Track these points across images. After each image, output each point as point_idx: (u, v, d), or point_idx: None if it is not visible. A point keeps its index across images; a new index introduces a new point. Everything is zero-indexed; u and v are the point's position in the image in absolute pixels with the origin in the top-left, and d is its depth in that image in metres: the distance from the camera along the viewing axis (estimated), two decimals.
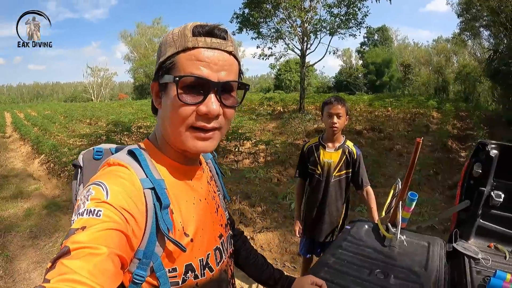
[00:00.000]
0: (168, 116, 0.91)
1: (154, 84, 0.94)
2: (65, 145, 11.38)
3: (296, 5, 18.02)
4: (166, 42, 0.91)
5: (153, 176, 0.89)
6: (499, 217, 2.47)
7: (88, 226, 0.72)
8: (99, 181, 0.82)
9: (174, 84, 0.86)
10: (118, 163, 0.90)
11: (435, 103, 18.23)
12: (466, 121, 14.62)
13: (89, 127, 18.28)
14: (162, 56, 0.91)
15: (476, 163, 2.47)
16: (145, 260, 0.85)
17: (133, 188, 0.84)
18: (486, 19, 22.50)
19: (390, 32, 51.77)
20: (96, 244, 0.69)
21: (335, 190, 3.04)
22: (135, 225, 0.81)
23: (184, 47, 0.87)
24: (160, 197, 0.86)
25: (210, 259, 1.02)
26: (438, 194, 6.94)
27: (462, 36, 27.96)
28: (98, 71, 64.00)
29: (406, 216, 2.17)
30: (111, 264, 0.70)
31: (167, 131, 0.95)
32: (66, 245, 0.68)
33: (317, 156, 3.03)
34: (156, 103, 0.96)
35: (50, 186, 8.14)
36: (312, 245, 3.24)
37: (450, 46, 37.83)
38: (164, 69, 0.89)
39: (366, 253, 1.92)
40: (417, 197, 2.08)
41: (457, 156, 9.44)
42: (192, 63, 0.86)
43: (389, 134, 12.04)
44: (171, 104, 0.89)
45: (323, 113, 3.00)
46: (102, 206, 0.76)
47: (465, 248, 2.29)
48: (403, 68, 40.06)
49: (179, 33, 0.89)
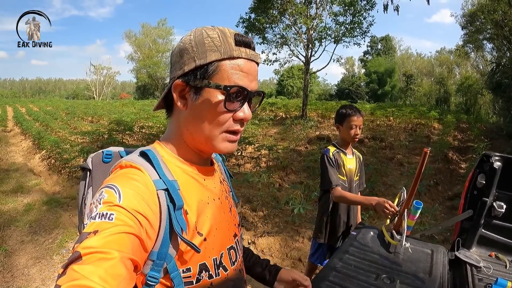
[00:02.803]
0: (203, 119, 0.93)
1: (180, 84, 0.93)
2: (66, 142, 11.33)
3: (302, 12, 18.09)
4: (202, 44, 0.91)
5: (166, 177, 0.89)
6: (500, 227, 2.52)
7: (100, 230, 0.72)
8: (111, 184, 0.82)
9: (219, 91, 0.91)
10: (130, 165, 0.90)
11: (436, 114, 18.26)
12: (467, 133, 14.63)
13: (91, 125, 18.25)
14: (199, 58, 0.90)
15: (480, 174, 2.52)
16: (159, 262, 0.85)
17: (146, 190, 0.84)
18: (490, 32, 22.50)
19: (394, 42, 51.96)
20: (108, 249, 0.69)
21: None
22: (149, 227, 0.81)
23: (229, 55, 0.90)
24: (174, 198, 0.87)
25: (224, 258, 1.02)
26: (438, 204, 6.94)
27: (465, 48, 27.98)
28: (101, 69, 63.95)
29: (410, 224, 2.22)
30: (123, 269, 0.70)
31: (192, 132, 0.96)
32: (77, 250, 0.68)
33: (343, 164, 3.05)
34: (178, 102, 0.95)
35: (51, 182, 8.12)
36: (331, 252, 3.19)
37: (452, 58, 37.99)
38: (205, 73, 0.90)
39: (372, 259, 1.97)
40: (422, 206, 2.14)
41: (457, 167, 9.47)
42: (236, 72, 0.91)
43: (390, 143, 12.06)
44: (212, 109, 0.92)
45: (343, 123, 3.01)
46: (114, 209, 0.76)
47: (467, 257, 2.34)
48: (405, 78, 40.23)
49: (220, 39, 0.91)
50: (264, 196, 6.58)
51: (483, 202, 2.47)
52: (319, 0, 18.83)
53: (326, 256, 3.19)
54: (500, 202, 2.48)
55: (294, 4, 18.21)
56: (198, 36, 0.92)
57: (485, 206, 2.47)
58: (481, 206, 2.48)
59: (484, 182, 2.49)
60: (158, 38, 55.54)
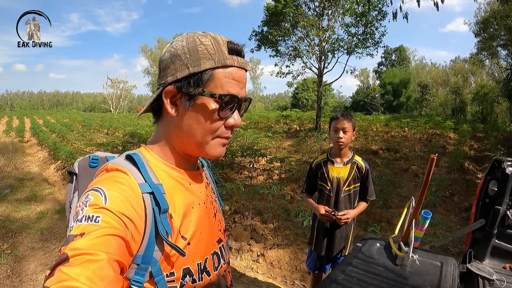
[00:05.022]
0: (195, 126, 0.95)
1: (172, 90, 0.94)
2: (81, 153, 11.53)
3: (314, 24, 18.14)
4: (196, 51, 0.92)
5: (151, 180, 0.90)
6: None
7: (87, 232, 0.72)
8: (97, 187, 0.82)
9: (212, 99, 0.93)
10: (116, 168, 0.90)
11: (452, 124, 18.01)
12: (483, 142, 14.40)
13: (106, 137, 18.51)
14: (193, 65, 0.91)
15: (491, 181, 2.42)
16: (144, 265, 0.85)
17: (131, 193, 0.84)
18: (504, 38, 22.39)
19: (408, 52, 51.71)
20: (95, 251, 0.70)
21: (345, 204, 3.05)
22: (134, 230, 0.81)
23: (223, 64, 0.92)
24: (159, 201, 0.87)
25: (208, 263, 1.03)
26: (453, 216, 6.82)
27: (480, 55, 27.84)
28: (118, 83, 64.83)
29: (419, 235, 2.14)
30: (110, 270, 0.70)
31: (183, 138, 0.98)
32: (65, 252, 0.69)
33: (326, 172, 3.06)
34: (169, 108, 0.95)
35: (64, 192, 8.20)
36: (320, 261, 3.22)
37: (467, 66, 37.74)
38: (199, 80, 0.92)
39: (376, 271, 1.89)
40: (431, 215, 2.05)
41: (474, 177, 9.29)
42: (229, 81, 0.94)
43: (405, 154, 11.90)
44: (205, 116, 0.95)
45: (330, 128, 3.04)
46: (100, 212, 0.76)
47: (479, 269, 2.24)
48: (421, 89, 39.96)
49: (214, 46, 0.93)
50: (275, 208, 6.52)
51: (495, 210, 2.37)
52: (331, 12, 18.86)
53: (316, 263, 3.23)
54: None
55: (306, 16, 18.27)
56: (191, 43, 0.93)
57: (498, 214, 2.37)
58: (493, 215, 2.37)
59: (496, 189, 2.39)
60: None
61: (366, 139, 14.99)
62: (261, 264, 4.63)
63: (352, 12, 18.33)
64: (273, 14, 18.34)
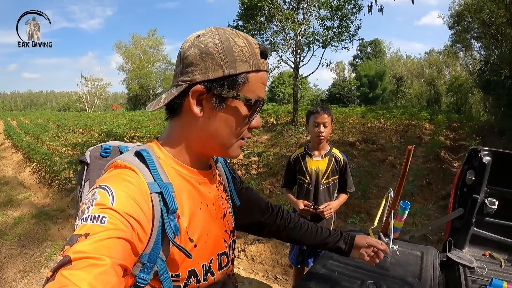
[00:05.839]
0: (223, 128, 0.94)
1: (201, 89, 0.89)
2: (56, 154, 11.36)
3: (290, 17, 18.12)
4: (231, 52, 0.89)
5: (161, 179, 0.88)
6: (493, 224, 2.44)
7: (92, 233, 0.70)
8: (104, 185, 0.80)
9: (243, 102, 0.92)
10: (125, 165, 0.88)
11: (427, 115, 18.25)
12: (459, 132, 14.62)
13: (81, 136, 18.21)
14: (228, 67, 0.88)
15: (468, 170, 2.44)
16: (149, 264, 0.84)
17: (139, 193, 0.82)
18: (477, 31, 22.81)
19: (383, 45, 52.20)
20: (99, 254, 0.68)
21: (325, 197, 3.04)
22: (141, 231, 0.79)
23: (256, 68, 0.92)
24: (168, 201, 0.85)
25: (212, 264, 1.02)
26: (431, 204, 6.93)
27: (454, 48, 28.31)
28: (93, 81, 63.65)
29: (398, 226, 2.14)
30: (113, 275, 0.68)
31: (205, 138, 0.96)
32: (68, 255, 0.67)
33: (304, 166, 3.05)
34: (195, 108, 0.91)
35: (41, 195, 8.08)
36: (302, 255, 3.21)
37: (442, 58, 38.22)
38: (234, 84, 0.90)
39: (357, 264, 1.87)
40: (410, 206, 2.04)
41: (450, 166, 9.43)
42: (260, 85, 0.94)
43: (382, 145, 12.02)
44: (235, 119, 0.93)
45: (309, 122, 3.02)
46: (107, 212, 0.74)
47: (460, 257, 2.25)
48: (396, 81, 40.33)
49: (248, 49, 0.91)
50: None
51: (473, 199, 2.38)
52: (306, 6, 18.87)
53: (299, 257, 3.22)
54: (492, 199, 2.40)
55: (281, 10, 18.24)
56: (225, 42, 0.89)
57: (476, 203, 2.39)
58: (472, 203, 2.39)
59: (473, 179, 2.41)
60: (148, 49, 55.74)
61: (343, 131, 15.10)
62: (242, 259, 4.60)
63: (328, 5, 18.37)
64: (248, 8, 18.24)
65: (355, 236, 1.45)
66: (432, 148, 10.79)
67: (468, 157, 2.46)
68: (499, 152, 2.41)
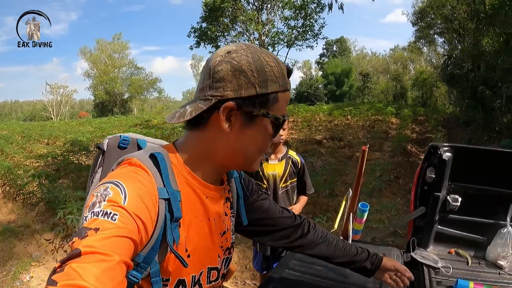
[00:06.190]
0: (251, 144, 0.95)
1: (232, 106, 0.89)
2: (21, 167, 10.94)
3: (253, 18, 18.14)
4: (263, 72, 0.89)
5: (171, 187, 0.89)
6: (458, 221, 2.39)
7: (102, 229, 0.71)
8: (118, 182, 0.81)
9: (269, 120, 0.93)
10: (139, 165, 0.88)
11: (393, 109, 18.58)
12: (425, 125, 14.92)
13: (46, 147, 17.67)
14: (260, 86, 0.89)
15: (428, 167, 2.38)
16: (143, 265, 0.85)
17: (149, 195, 0.83)
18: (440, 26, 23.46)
19: (349, 43, 52.86)
20: (108, 251, 0.69)
21: (284, 201, 2.97)
22: (144, 233, 0.80)
23: (285, 88, 0.94)
24: (173, 209, 0.87)
25: (202, 276, 1.02)
26: (399, 198, 7.01)
27: (418, 44, 29.04)
28: (58, 88, 61.96)
29: (358, 228, 2.07)
30: (119, 272, 0.70)
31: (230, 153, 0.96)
32: (78, 248, 0.68)
33: (261, 170, 2.96)
34: (224, 124, 0.90)
35: (6, 210, 7.69)
36: (267, 261, 3.13)
37: (406, 54, 39.00)
38: (265, 103, 0.91)
39: (315, 272, 1.79)
40: (368, 208, 1.97)
41: (417, 159, 9.60)
42: (285, 104, 0.96)
43: (349, 142, 12.14)
44: (263, 136, 0.96)
45: None
46: (118, 210, 0.75)
47: (424, 257, 2.20)
48: (362, 77, 41.01)
49: (278, 70, 0.92)
50: None
51: (435, 197, 2.33)
52: (270, 6, 18.93)
53: (263, 263, 3.17)
54: (455, 195, 2.35)
55: (245, 11, 18.24)
56: (258, 61, 0.90)
57: (438, 201, 2.33)
58: (433, 201, 2.34)
59: (434, 176, 2.35)
60: (114, 53, 54.73)
61: (310, 130, 15.17)
62: None
63: (291, 5, 18.51)
64: (212, 9, 18.19)
65: (383, 258, 1.42)
66: (399, 142, 10.99)
67: (428, 154, 2.40)
68: (460, 147, 2.37)
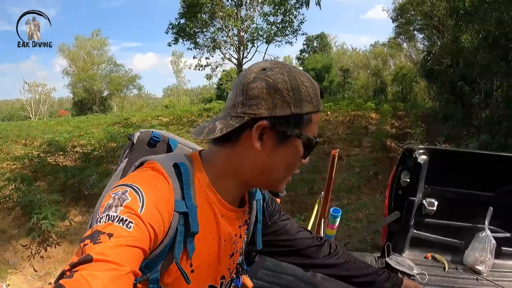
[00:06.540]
0: (282, 164, 0.92)
1: (265, 125, 0.86)
2: None
3: (232, 14, 18.04)
4: (299, 92, 0.87)
5: (191, 201, 0.86)
6: (434, 225, 2.34)
7: (116, 235, 0.70)
8: (137, 187, 0.79)
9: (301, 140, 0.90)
10: (162, 173, 0.85)
11: (373, 105, 18.66)
12: (404, 120, 15.01)
13: (24, 148, 17.26)
14: (295, 106, 0.86)
15: (403, 171, 2.31)
16: (145, 270, 0.83)
17: (166, 207, 0.81)
18: (420, 23, 23.78)
19: (329, 39, 53.13)
20: (120, 261, 0.66)
21: None
22: (154, 242, 0.79)
23: (318, 109, 0.92)
24: (191, 223, 0.85)
25: None
26: (378, 195, 7.00)
27: (398, 39, 29.38)
28: (36, 86, 60.84)
29: (331, 234, 1.99)
30: (129, 283, 0.68)
31: (260, 173, 0.93)
32: (90, 254, 0.65)
33: None
34: (256, 143, 0.88)
35: None
36: None
37: (386, 50, 39.39)
38: (299, 123, 0.88)
39: (284, 282, 1.72)
40: (340, 213, 1.89)
41: (396, 154, 9.56)
42: (316, 125, 0.94)
43: (328, 138, 12.13)
44: (295, 157, 0.92)
45: None
46: (134, 219, 0.73)
47: (399, 263, 2.13)
48: (342, 73, 41.28)
49: (313, 90, 0.90)
50: None
51: (410, 201, 2.26)
52: (249, 1, 18.84)
53: None
54: (431, 199, 2.28)
55: (223, 6, 18.12)
56: (293, 80, 0.88)
57: (413, 205, 2.26)
58: (408, 206, 2.27)
59: (408, 180, 2.28)
60: (93, 50, 53.97)
61: None
62: None
63: (271, 0, 18.43)
64: (190, 5, 18.04)
65: (403, 279, 1.38)
66: (378, 137, 11.00)
67: (402, 157, 2.34)
68: (436, 149, 2.32)
